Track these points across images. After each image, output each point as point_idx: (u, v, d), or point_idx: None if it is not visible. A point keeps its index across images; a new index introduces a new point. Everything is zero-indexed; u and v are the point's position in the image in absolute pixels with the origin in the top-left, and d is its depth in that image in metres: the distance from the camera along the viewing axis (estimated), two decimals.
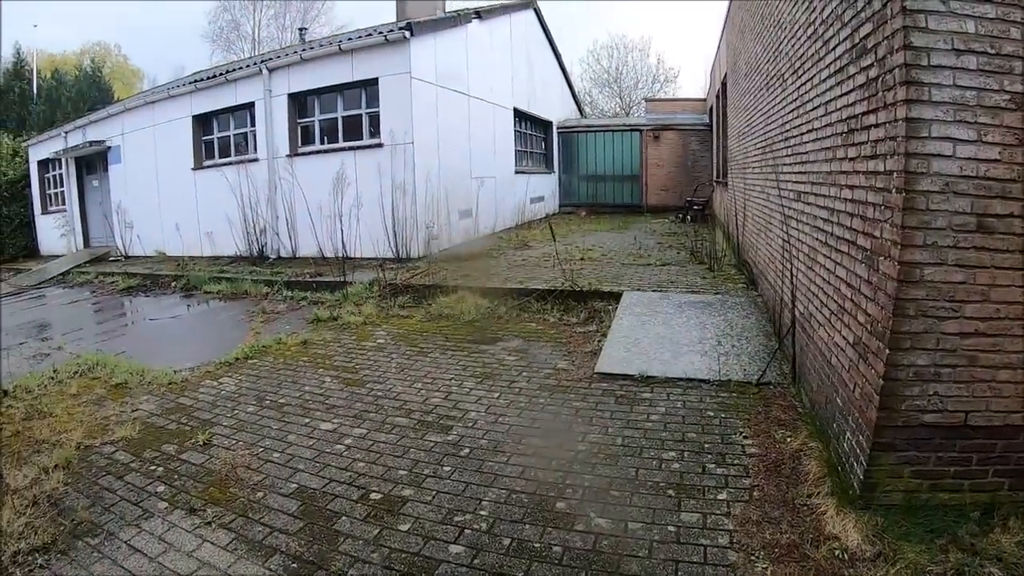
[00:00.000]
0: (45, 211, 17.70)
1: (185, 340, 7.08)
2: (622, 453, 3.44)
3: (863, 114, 2.98)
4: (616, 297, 6.97)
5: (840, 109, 3.44)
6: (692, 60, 52.90)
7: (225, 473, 3.39)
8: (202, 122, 13.39)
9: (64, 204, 16.81)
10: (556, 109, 20.02)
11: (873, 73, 2.78)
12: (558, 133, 20.08)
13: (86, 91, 26.16)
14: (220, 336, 6.99)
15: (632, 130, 19.71)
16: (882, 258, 2.63)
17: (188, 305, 9.06)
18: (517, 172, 15.83)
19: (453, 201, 11.81)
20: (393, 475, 3.32)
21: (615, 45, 35.15)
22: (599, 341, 5.68)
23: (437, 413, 4.19)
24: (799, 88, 4.74)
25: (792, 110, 5.06)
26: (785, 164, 5.40)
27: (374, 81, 10.64)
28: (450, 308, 7.24)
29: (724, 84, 12.70)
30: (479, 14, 13.35)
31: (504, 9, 15.18)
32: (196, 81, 13.36)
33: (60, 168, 16.75)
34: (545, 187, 18.84)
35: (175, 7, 43.40)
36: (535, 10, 17.90)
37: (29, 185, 18.10)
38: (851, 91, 3.18)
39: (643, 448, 3.49)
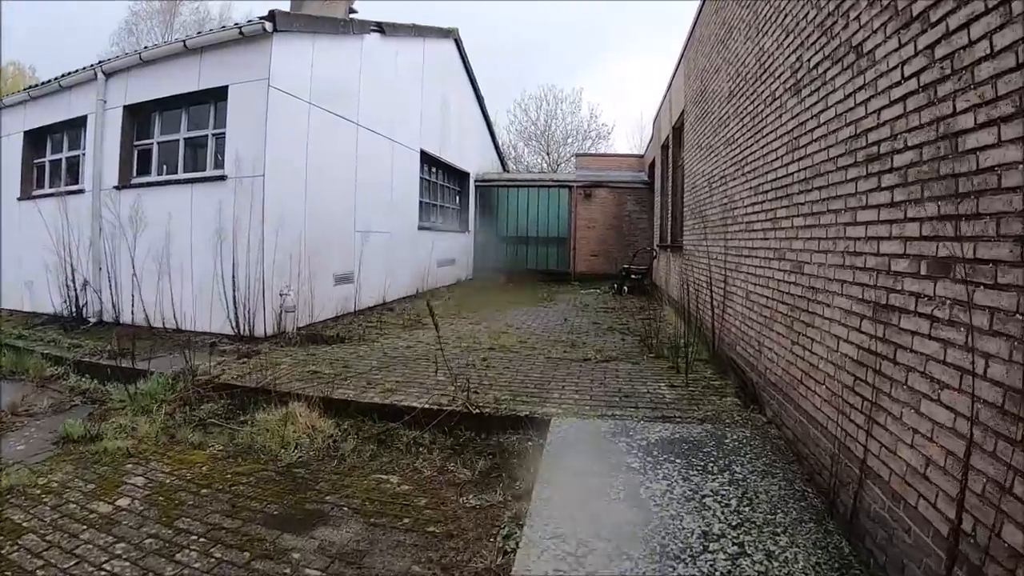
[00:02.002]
0: None
1: None
2: None
3: None
4: (539, 426, 4.32)
5: None
6: (626, 117, 52.90)
7: None
8: (34, 140, 10.33)
9: None
10: (475, 159, 17.81)
11: None
12: (476, 186, 17.83)
13: None
14: None
15: (560, 186, 17.70)
16: None
17: None
18: (421, 228, 13.25)
19: (325, 260, 9.02)
20: None
21: (544, 96, 33.95)
22: (506, 539, 3.00)
23: None
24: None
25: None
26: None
27: (224, 91, 7.92)
28: (269, 436, 4.39)
29: (677, 128, 10.75)
30: (381, 28, 10.98)
31: (417, 31, 12.93)
32: (31, 87, 10.34)
33: None
34: (457, 248, 16.33)
35: (90, 28, 40.30)
36: (456, 41, 15.84)
37: None
38: None
39: None
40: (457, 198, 17.05)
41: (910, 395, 2.42)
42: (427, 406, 4.66)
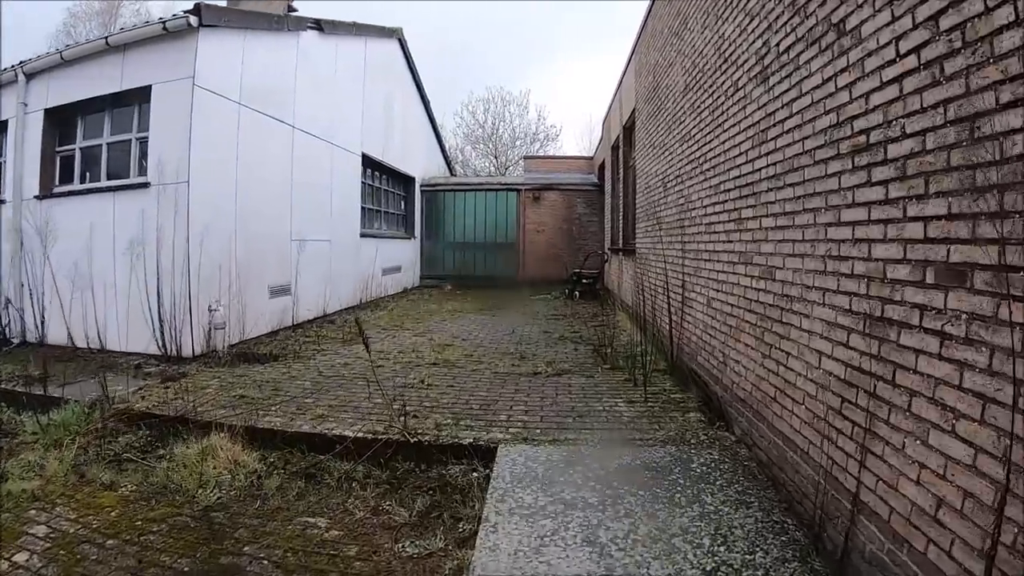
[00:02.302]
0: None
1: None
2: None
3: None
4: (485, 455, 3.87)
5: None
6: (574, 120, 52.92)
7: None
8: None
9: None
10: (420, 163, 17.26)
11: None
12: (422, 191, 17.29)
13: None
14: None
15: (508, 189, 17.31)
16: None
17: None
18: (364, 235, 12.63)
19: (259, 272, 8.35)
20: None
21: (491, 98, 33.56)
22: None
23: None
24: None
25: None
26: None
27: (147, 91, 7.20)
28: (186, 473, 3.81)
29: (628, 128, 10.50)
30: (320, 25, 10.34)
31: (358, 30, 12.31)
32: None
33: None
34: (403, 255, 15.75)
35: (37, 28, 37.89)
36: (400, 41, 15.26)
37: None
38: None
39: None
40: (402, 203, 16.46)
41: (915, 424, 2.08)
42: (361, 435, 4.15)
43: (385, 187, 14.92)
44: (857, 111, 2.48)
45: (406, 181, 16.46)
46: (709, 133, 4.81)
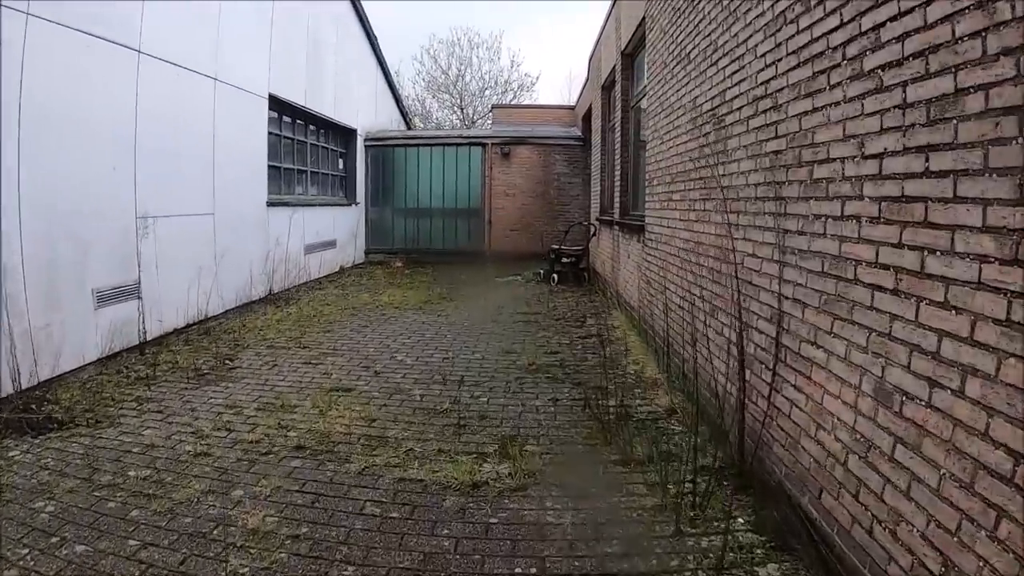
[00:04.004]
0: None
1: None
2: None
3: None
4: None
5: None
6: (553, 72, 48.59)
7: None
8: None
9: None
10: (366, 113, 14.08)
11: None
12: (366, 147, 14.15)
13: None
14: None
15: (472, 144, 14.24)
16: None
17: None
18: (274, 204, 9.57)
19: (78, 269, 5.35)
20: None
21: (457, 41, 29.72)
22: None
23: None
24: None
25: None
26: None
27: None
28: None
29: (629, 54, 7.58)
30: None
31: None
32: None
33: None
34: (340, 226, 12.68)
35: None
36: None
37: None
38: None
39: None
40: (340, 162, 13.33)
41: None
42: None
43: (313, 141, 11.76)
44: None
45: (345, 135, 13.32)
46: None
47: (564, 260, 10.56)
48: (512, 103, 22.39)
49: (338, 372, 5.20)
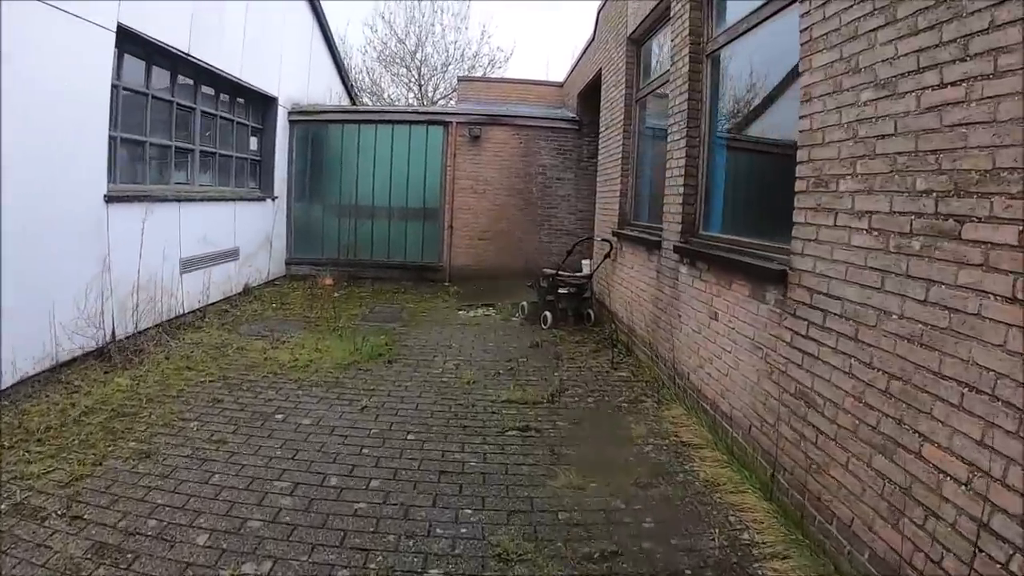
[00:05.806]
0: None
1: None
2: None
3: None
4: None
5: None
6: (530, 47, 44.47)
7: None
8: None
9: None
10: (295, 80, 10.67)
11: None
12: (291, 122, 10.73)
13: None
14: None
15: (431, 122, 10.96)
16: None
17: None
18: (119, 198, 6.15)
19: None
20: None
21: (417, 4, 25.87)
22: None
23: None
24: None
25: None
26: None
27: None
28: None
29: None
30: None
31: None
32: None
33: None
34: (246, 229, 9.24)
35: None
36: None
37: None
38: None
39: None
40: (253, 140, 9.92)
41: None
42: None
43: (207, 108, 8.33)
44: None
45: (261, 104, 9.90)
46: None
47: (562, 291, 7.41)
48: (484, 77, 19.02)
49: None
